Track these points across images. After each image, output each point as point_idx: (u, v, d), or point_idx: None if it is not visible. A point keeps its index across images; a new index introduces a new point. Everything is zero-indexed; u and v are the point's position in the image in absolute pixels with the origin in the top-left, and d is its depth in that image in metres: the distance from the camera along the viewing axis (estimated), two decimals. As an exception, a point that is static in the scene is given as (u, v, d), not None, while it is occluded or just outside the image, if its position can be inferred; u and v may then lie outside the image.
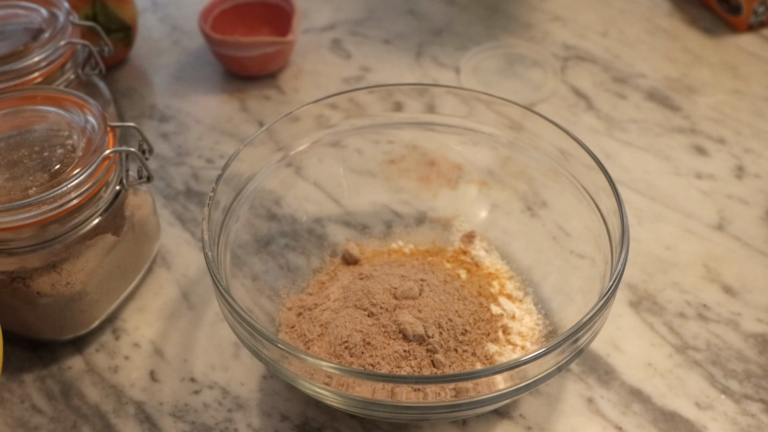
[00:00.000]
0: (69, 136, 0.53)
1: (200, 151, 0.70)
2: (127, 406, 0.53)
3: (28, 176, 0.51)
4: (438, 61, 0.79)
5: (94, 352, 0.56)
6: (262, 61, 0.75)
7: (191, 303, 0.58)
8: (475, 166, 0.60)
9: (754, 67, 0.77)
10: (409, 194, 0.61)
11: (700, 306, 0.57)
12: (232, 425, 0.51)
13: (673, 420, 0.51)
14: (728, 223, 0.63)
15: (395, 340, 0.50)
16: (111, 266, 0.54)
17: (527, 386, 0.45)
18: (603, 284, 0.49)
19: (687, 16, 0.83)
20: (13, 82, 0.58)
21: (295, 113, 0.57)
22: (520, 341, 0.52)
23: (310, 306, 0.54)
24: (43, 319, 0.53)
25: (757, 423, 0.51)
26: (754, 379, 0.53)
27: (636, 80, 0.76)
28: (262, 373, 0.54)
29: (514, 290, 0.56)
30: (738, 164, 0.67)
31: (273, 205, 0.59)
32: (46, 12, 0.62)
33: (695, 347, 0.55)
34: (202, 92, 0.76)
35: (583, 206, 0.54)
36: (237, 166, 0.54)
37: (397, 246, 0.60)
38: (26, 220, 0.49)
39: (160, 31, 0.84)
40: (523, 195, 0.59)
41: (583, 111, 0.73)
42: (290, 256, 0.58)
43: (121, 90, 0.77)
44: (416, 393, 0.44)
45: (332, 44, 0.81)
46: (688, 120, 0.71)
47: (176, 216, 0.65)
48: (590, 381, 0.53)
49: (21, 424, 0.52)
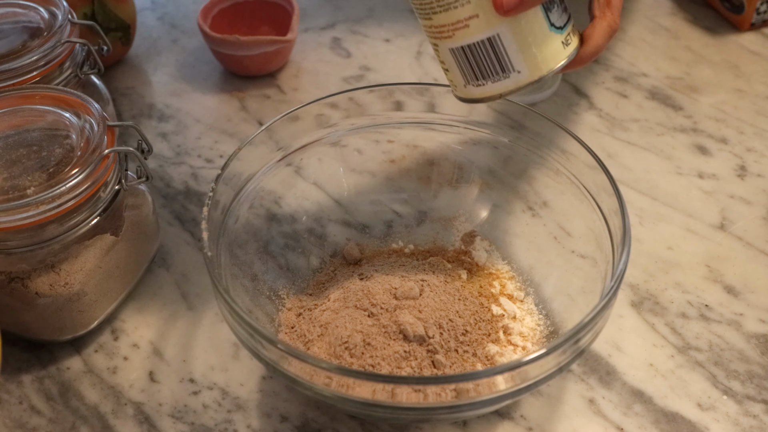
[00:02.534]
0: (67, 136, 0.53)
1: (199, 151, 0.70)
2: (126, 407, 0.52)
3: (26, 176, 0.50)
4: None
5: (92, 353, 0.55)
6: (261, 60, 0.75)
7: (190, 303, 0.58)
8: (476, 166, 0.60)
9: (757, 66, 0.77)
10: (410, 194, 0.61)
11: (702, 306, 0.57)
12: (231, 426, 0.51)
13: (674, 421, 0.51)
14: (730, 223, 0.62)
15: (395, 340, 0.49)
16: (110, 266, 0.54)
17: (528, 387, 0.45)
18: (604, 284, 0.49)
19: (689, 14, 0.83)
20: (12, 81, 0.58)
21: (294, 113, 0.57)
22: (521, 342, 0.52)
23: (310, 306, 0.54)
24: (42, 319, 0.53)
25: (759, 424, 0.51)
26: (756, 379, 0.53)
27: (637, 79, 0.75)
28: (261, 373, 0.54)
29: (515, 290, 0.56)
30: (740, 164, 0.67)
31: (273, 204, 0.59)
32: (45, 11, 0.62)
33: (697, 348, 0.55)
34: (202, 91, 0.76)
35: (585, 206, 0.54)
36: (236, 166, 0.54)
37: (397, 246, 0.59)
38: (24, 220, 0.49)
39: (159, 30, 0.84)
40: (523, 195, 0.59)
41: (585, 110, 0.72)
42: (290, 256, 0.58)
43: (120, 89, 0.76)
44: (417, 394, 0.44)
45: (332, 43, 0.81)
46: (690, 119, 0.71)
47: (175, 216, 0.64)
48: (591, 382, 0.53)
49: (19, 425, 0.52)
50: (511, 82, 0.47)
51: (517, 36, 0.45)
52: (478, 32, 0.45)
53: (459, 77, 0.48)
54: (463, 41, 0.46)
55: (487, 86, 0.47)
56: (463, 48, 0.46)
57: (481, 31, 0.45)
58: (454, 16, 0.45)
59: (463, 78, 0.48)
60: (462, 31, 0.46)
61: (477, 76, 0.47)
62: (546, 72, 0.46)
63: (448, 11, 0.45)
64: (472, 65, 0.47)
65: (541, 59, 0.46)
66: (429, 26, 0.47)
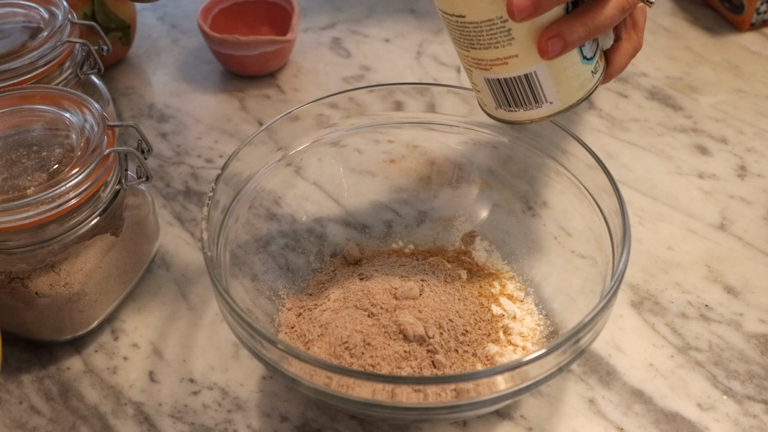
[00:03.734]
0: (67, 136, 0.53)
1: (199, 151, 0.70)
2: (126, 407, 0.52)
3: (26, 176, 0.50)
4: (438, 60, 0.79)
5: (92, 353, 0.55)
6: (261, 60, 0.75)
7: (190, 303, 0.58)
8: (476, 166, 0.60)
9: (757, 66, 0.77)
10: (410, 194, 0.61)
11: (702, 306, 0.57)
12: (231, 426, 0.51)
13: (674, 421, 0.51)
14: (730, 223, 0.62)
15: (395, 340, 0.49)
16: (110, 266, 0.54)
17: (528, 387, 0.45)
18: (604, 284, 0.49)
19: (689, 15, 0.83)
20: (12, 81, 0.58)
21: (294, 112, 0.57)
22: (521, 342, 0.52)
23: (310, 306, 0.54)
24: (42, 319, 0.53)
25: (759, 424, 0.51)
26: (756, 379, 0.53)
27: (638, 79, 0.75)
28: (261, 373, 0.54)
29: (515, 290, 0.56)
30: (740, 164, 0.67)
31: (272, 204, 0.59)
32: (45, 11, 0.62)
33: (697, 348, 0.55)
34: (202, 91, 0.76)
35: (585, 206, 0.54)
36: (236, 166, 0.54)
37: (397, 246, 0.59)
38: (24, 220, 0.49)
39: (159, 30, 0.84)
40: (524, 195, 0.59)
41: (585, 110, 0.72)
42: (290, 256, 0.58)
43: (120, 89, 0.76)
44: (417, 394, 0.44)
45: (332, 43, 0.81)
46: (690, 119, 0.71)
47: (175, 216, 0.64)
48: (591, 382, 0.53)
49: (19, 425, 0.52)
50: (543, 111, 0.48)
51: (553, 72, 0.46)
52: (516, 69, 0.46)
53: (491, 101, 0.49)
54: (500, 75, 0.46)
55: (519, 113, 0.48)
56: (499, 80, 0.47)
57: (520, 69, 0.46)
58: (494, 54, 0.45)
59: (495, 102, 0.49)
60: (500, 67, 0.46)
61: (510, 104, 0.48)
62: (576, 101, 0.48)
63: (488, 49, 0.45)
64: (506, 94, 0.47)
65: (574, 90, 0.47)
66: (466, 56, 0.47)
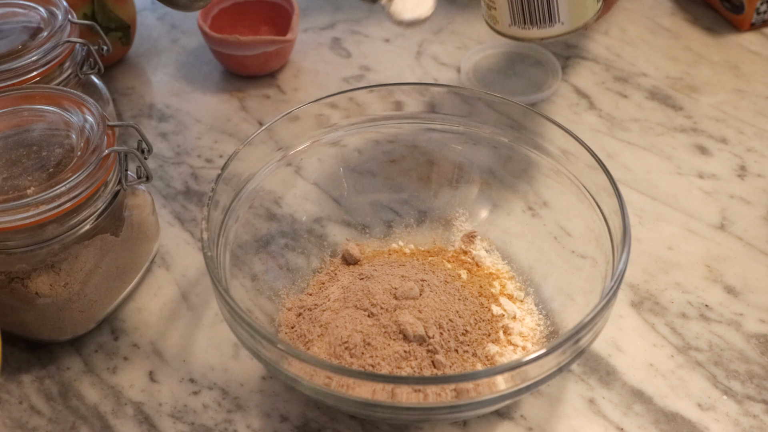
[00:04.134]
0: (67, 136, 0.53)
1: (199, 151, 0.70)
2: (126, 407, 0.52)
3: (26, 176, 0.50)
4: (438, 60, 0.79)
5: (92, 353, 0.55)
6: (261, 60, 0.75)
7: (190, 303, 0.58)
8: (476, 166, 0.60)
9: (757, 66, 0.76)
10: (410, 194, 0.61)
11: (702, 306, 0.57)
12: (231, 426, 0.51)
13: (674, 421, 0.51)
14: (730, 223, 0.62)
15: (395, 340, 0.49)
16: (110, 266, 0.54)
17: (528, 387, 0.45)
18: (604, 284, 0.49)
19: (689, 14, 0.83)
20: (11, 81, 0.58)
21: (294, 112, 0.57)
22: (521, 342, 0.52)
23: (310, 306, 0.54)
24: (42, 319, 0.53)
25: (759, 424, 0.51)
26: (756, 379, 0.53)
27: (637, 79, 0.75)
28: (261, 373, 0.54)
29: (515, 290, 0.56)
30: (740, 164, 0.67)
31: (272, 204, 0.59)
32: (45, 11, 0.62)
33: (697, 348, 0.55)
34: (202, 91, 0.76)
35: (585, 206, 0.54)
36: (236, 166, 0.54)
37: (397, 246, 0.59)
38: (24, 220, 0.49)
39: (159, 30, 0.84)
40: (524, 195, 0.59)
41: (585, 110, 0.72)
42: (290, 256, 0.58)
43: (120, 89, 0.76)
44: (417, 394, 0.44)
45: (332, 43, 0.81)
46: (690, 119, 0.71)
47: (175, 216, 0.64)
48: (591, 382, 0.53)
49: (19, 425, 0.52)
50: (554, 30, 0.52)
51: None
52: None
53: (506, 17, 0.52)
54: None
55: (532, 31, 0.52)
56: None
57: None
58: None
59: (510, 19, 0.52)
60: None
61: (525, 21, 0.52)
62: (582, 24, 0.52)
63: None
64: (524, 11, 0.51)
65: (582, 12, 0.53)
66: None
